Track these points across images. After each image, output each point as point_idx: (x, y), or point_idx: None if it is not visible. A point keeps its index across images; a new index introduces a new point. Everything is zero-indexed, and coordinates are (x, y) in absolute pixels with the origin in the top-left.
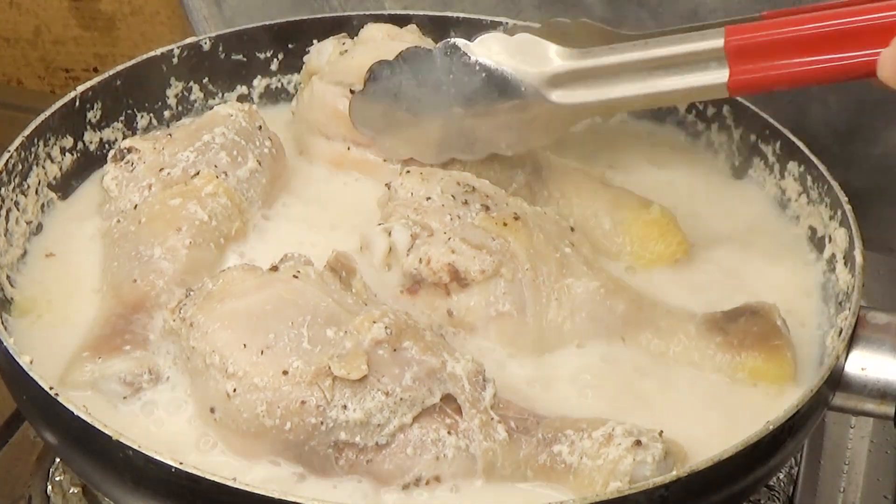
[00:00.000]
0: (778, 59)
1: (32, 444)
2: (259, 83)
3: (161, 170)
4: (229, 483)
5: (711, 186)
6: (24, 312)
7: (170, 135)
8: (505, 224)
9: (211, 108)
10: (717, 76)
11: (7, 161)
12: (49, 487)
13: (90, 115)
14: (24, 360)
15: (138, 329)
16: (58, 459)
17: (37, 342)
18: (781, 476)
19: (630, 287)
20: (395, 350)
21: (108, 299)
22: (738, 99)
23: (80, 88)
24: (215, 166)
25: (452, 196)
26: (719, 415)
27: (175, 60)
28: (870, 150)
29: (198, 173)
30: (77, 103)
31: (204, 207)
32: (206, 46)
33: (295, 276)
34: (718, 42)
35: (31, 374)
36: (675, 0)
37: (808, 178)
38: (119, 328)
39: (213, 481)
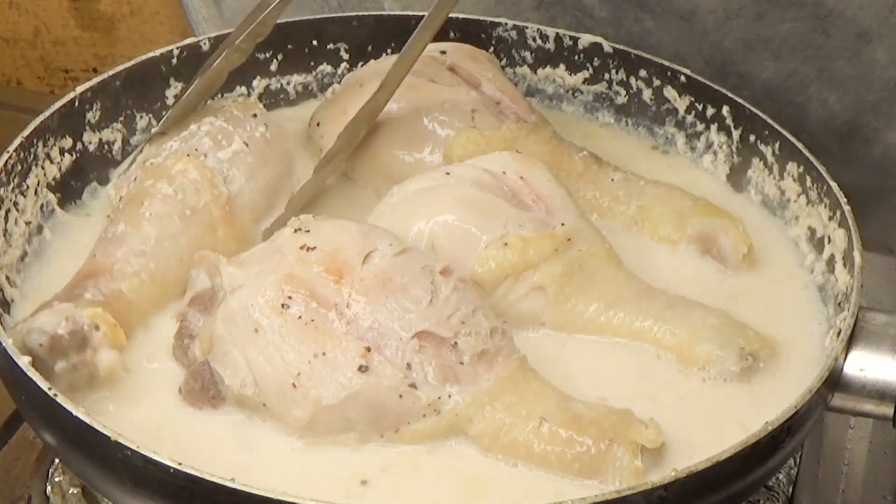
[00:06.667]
0: None
1: (32, 444)
2: (258, 83)
3: (146, 161)
4: (227, 483)
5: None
6: (23, 313)
7: (163, 133)
8: None
9: None
10: None
11: (6, 161)
12: (48, 488)
13: (89, 115)
14: (23, 361)
15: (77, 291)
16: (57, 460)
17: None
18: (780, 477)
19: None
20: None
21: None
22: (738, 99)
23: (80, 89)
24: (196, 150)
25: None
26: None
27: (174, 61)
28: (869, 150)
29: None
30: (76, 104)
31: (171, 183)
32: (206, 47)
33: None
34: None
35: (29, 374)
36: (673, 0)
37: (808, 178)
38: (58, 295)
39: (212, 481)
